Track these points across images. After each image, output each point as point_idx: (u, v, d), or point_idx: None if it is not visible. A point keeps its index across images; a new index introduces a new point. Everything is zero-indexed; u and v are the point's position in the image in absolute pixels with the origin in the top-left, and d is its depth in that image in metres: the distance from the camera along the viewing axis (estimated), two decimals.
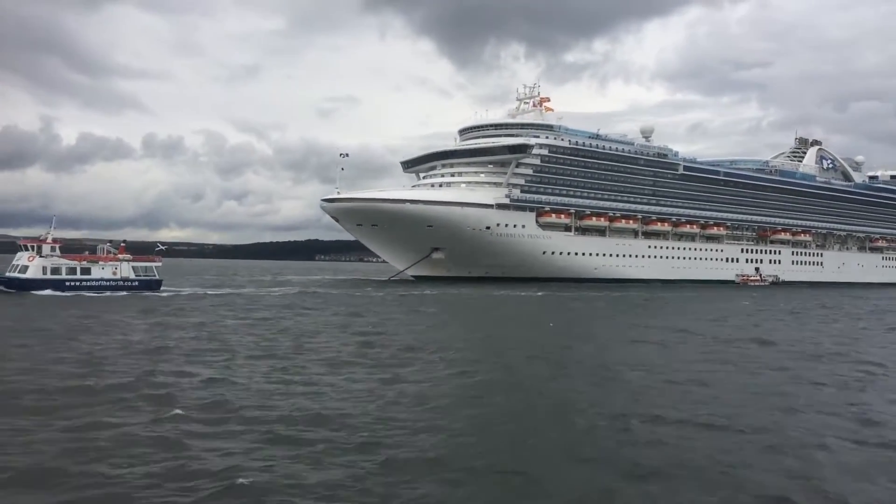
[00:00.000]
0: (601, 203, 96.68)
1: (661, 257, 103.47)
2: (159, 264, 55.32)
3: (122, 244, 54.52)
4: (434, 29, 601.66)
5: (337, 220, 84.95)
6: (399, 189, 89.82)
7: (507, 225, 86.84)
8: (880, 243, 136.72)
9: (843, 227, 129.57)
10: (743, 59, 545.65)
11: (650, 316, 42.98)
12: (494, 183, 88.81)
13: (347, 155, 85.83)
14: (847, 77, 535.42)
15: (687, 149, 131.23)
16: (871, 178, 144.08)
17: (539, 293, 64.51)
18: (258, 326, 30.56)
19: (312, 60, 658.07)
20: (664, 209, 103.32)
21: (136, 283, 52.37)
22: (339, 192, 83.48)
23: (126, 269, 52.04)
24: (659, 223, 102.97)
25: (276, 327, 30.29)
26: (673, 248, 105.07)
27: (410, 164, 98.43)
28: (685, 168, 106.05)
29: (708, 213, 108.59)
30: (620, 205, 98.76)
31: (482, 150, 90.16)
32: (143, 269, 53.51)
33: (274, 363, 20.52)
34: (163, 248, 59.70)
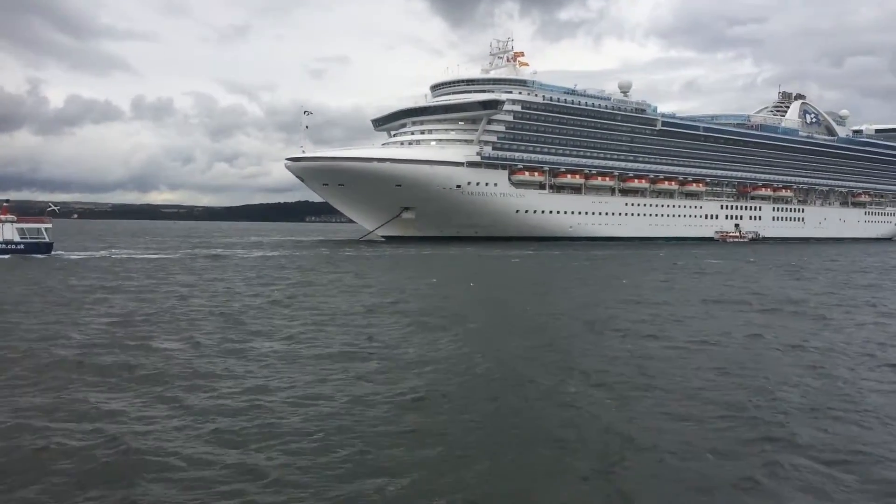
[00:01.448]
0: (577, 160, 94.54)
1: (639, 215, 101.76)
2: (49, 226, 52.27)
3: (5, 204, 51.21)
4: None
5: (302, 180, 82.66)
6: (368, 147, 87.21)
7: (478, 183, 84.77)
8: (862, 198, 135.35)
9: (825, 182, 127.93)
10: (738, 15, 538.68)
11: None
12: (466, 140, 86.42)
13: (311, 113, 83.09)
14: (843, 32, 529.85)
15: (681, 106, 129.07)
16: (856, 132, 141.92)
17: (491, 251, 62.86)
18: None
19: (303, 20, 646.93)
20: (642, 166, 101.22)
21: (22, 247, 49.47)
22: (303, 151, 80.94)
23: (9, 231, 49.15)
24: (636, 180, 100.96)
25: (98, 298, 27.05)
26: (651, 205, 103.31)
27: (381, 122, 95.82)
28: (664, 124, 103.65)
29: (687, 170, 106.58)
30: (597, 162, 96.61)
31: (453, 107, 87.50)
32: (31, 232, 50.55)
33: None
34: (55, 208, 57.18)
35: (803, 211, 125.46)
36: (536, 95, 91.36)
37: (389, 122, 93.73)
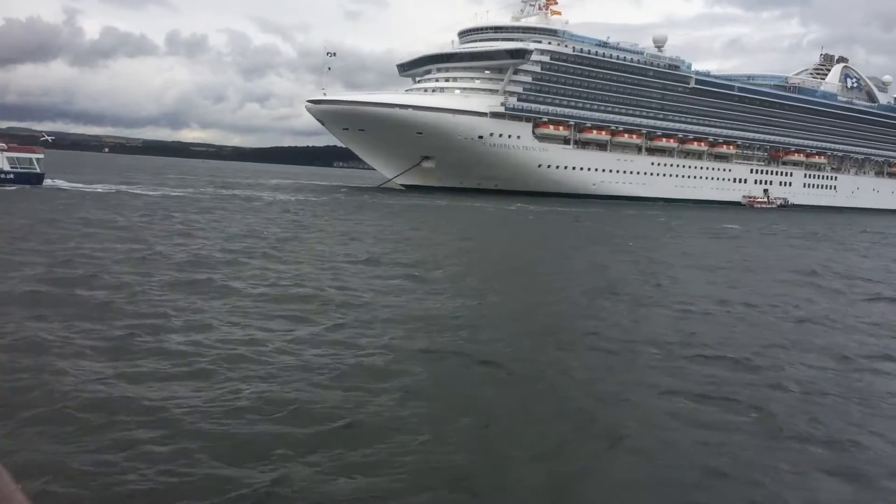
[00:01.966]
0: (604, 116, 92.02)
1: (665, 175, 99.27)
2: (41, 156, 51.57)
3: None
4: None
5: (322, 123, 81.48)
6: (391, 93, 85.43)
7: (501, 135, 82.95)
8: None
9: (861, 150, 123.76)
10: None
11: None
12: (491, 90, 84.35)
13: (335, 54, 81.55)
14: None
15: (721, 65, 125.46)
16: None
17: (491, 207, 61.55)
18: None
19: None
20: (671, 124, 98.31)
21: (11, 176, 48.73)
22: (325, 94, 79.61)
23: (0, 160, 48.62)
24: (665, 139, 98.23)
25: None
26: (678, 165, 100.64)
27: (406, 68, 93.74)
28: (697, 82, 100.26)
29: (718, 131, 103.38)
30: (624, 118, 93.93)
31: (479, 55, 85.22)
32: (22, 161, 49.89)
33: None
34: (49, 138, 56.51)
35: (836, 179, 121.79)
36: (567, 46, 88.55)
37: (414, 67, 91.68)
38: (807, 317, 17.85)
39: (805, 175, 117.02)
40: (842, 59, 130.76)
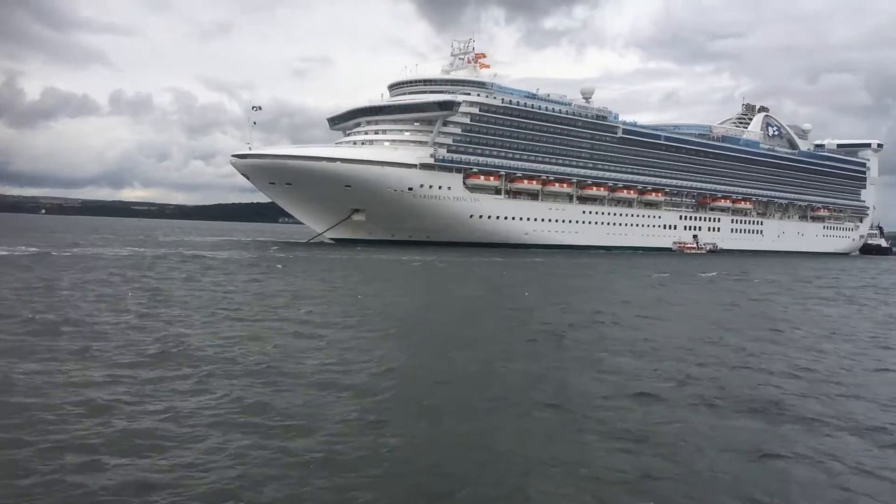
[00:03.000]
0: (534, 165, 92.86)
1: (597, 223, 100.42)
2: None
3: None
4: None
5: (248, 178, 79.93)
6: (319, 146, 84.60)
7: (431, 186, 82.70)
8: (822, 212, 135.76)
9: (785, 195, 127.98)
10: (718, 30, 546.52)
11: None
12: (420, 142, 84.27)
13: (260, 108, 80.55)
14: (819, 49, 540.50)
15: (659, 117, 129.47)
16: (817, 146, 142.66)
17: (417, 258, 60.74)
18: None
19: (287, 19, 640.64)
20: (601, 173, 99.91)
21: None
22: (250, 148, 78.36)
23: None
24: (595, 188, 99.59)
25: None
26: (609, 213, 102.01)
27: (337, 121, 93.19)
28: (624, 132, 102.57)
29: (647, 179, 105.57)
30: (555, 168, 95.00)
31: (408, 107, 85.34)
32: None
33: None
34: None
35: (762, 224, 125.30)
36: (495, 98, 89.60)
37: (345, 120, 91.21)
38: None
39: (732, 220, 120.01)
40: (763, 109, 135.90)
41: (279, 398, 13.04)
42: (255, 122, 79.37)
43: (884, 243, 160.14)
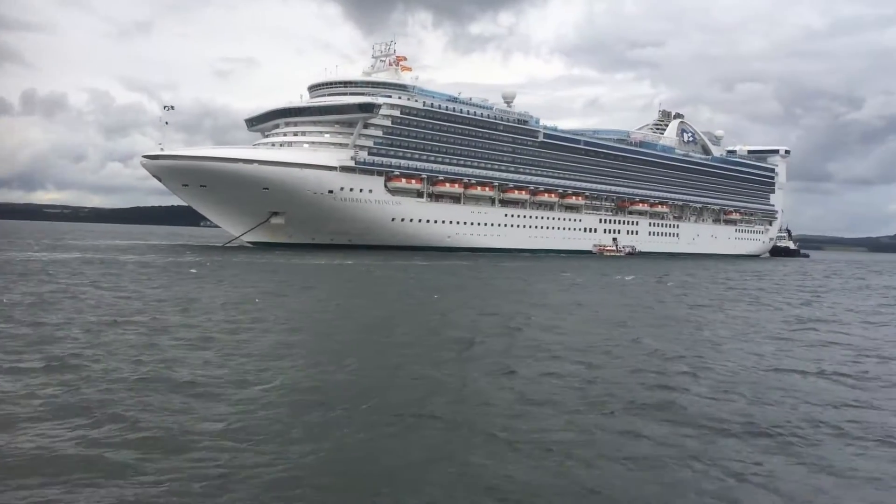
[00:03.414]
0: (456, 169, 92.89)
1: (519, 226, 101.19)
2: None
3: None
4: None
5: (159, 180, 77.00)
6: (236, 148, 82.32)
7: (352, 189, 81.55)
8: (734, 216, 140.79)
9: (699, 199, 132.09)
10: (637, 39, 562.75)
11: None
12: (341, 144, 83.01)
13: (173, 108, 77.73)
14: (733, 59, 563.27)
15: (583, 123, 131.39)
16: (730, 152, 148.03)
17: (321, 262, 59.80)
18: None
19: (209, 19, 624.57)
20: (522, 177, 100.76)
21: None
22: (162, 149, 75.52)
23: None
24: (517, 191, 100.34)
25: None
26: (531, 217, 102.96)
27: (255, 122, 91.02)
28: (545, 136, 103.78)
29: (567, 183, 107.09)
30: (477, 171, 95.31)
31: (328, 109, 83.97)
32: None
33: None
34: None
35: (678, 227, 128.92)
36: (416, 101, 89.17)
37: (263, 122, 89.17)
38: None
39: (650, 224, 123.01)
40: (678, 116, 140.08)
41: (134, 408, 12.04)
42: (167, 122, 76.89)
43: (792, 245, 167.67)
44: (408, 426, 11.91)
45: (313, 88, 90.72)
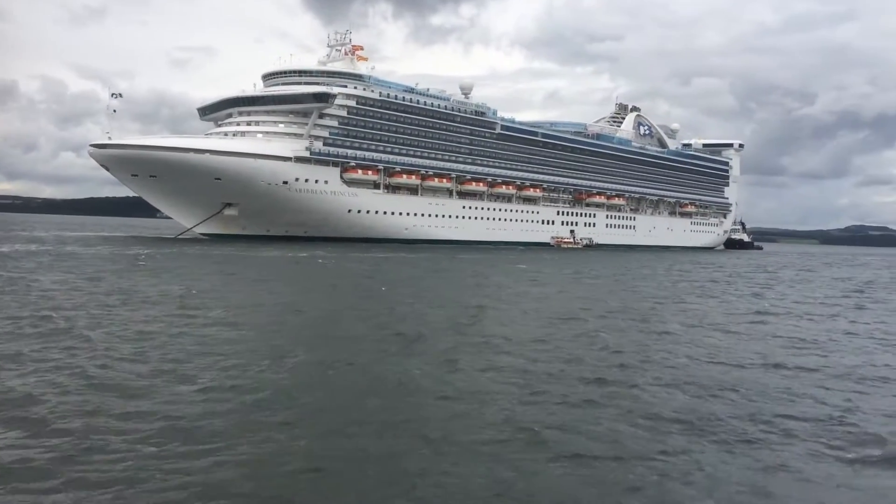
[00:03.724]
0: (413, 160, 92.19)
1: (477, 218, 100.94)
2: None
3: None
4: None
5: (108, 170, 74.91)
6: (187, 137, 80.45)
7: (307, 180, 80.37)
8: (689, 209, 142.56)
9: (655, 192, 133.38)
10: (596, 32, 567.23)
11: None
12: (295, 134, 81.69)
13: (120, 95, 75.33)
14: (691, 54, 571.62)
15: (543, 115, 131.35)
16: (685, 145, 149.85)
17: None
18: None
19: (166, 6, 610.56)
20: (480, 168, 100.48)
21: None
22: (110, 138, 73.37)
23: None
24: (474, 183, 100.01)
25: None
26: (489, 209, 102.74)
27: (207, 111, 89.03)
28: (503, 128, 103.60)
29: (525, 175, 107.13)
30: (434, 162, 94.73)
31: (282, 98, 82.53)
32: None
33: None
34: None
35: (635, 219, 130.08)
36: (373, 91, 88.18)
37: (216, 111, 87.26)
38: None
39: (607, 216, 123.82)
40: (635, 109, 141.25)
41: (49, 409, 11.36)
42: (114, 111, 74.47)
43: (746, 238, 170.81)
44: (338, 427, 11.43)
45: (267, 77, 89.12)
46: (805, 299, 38.53)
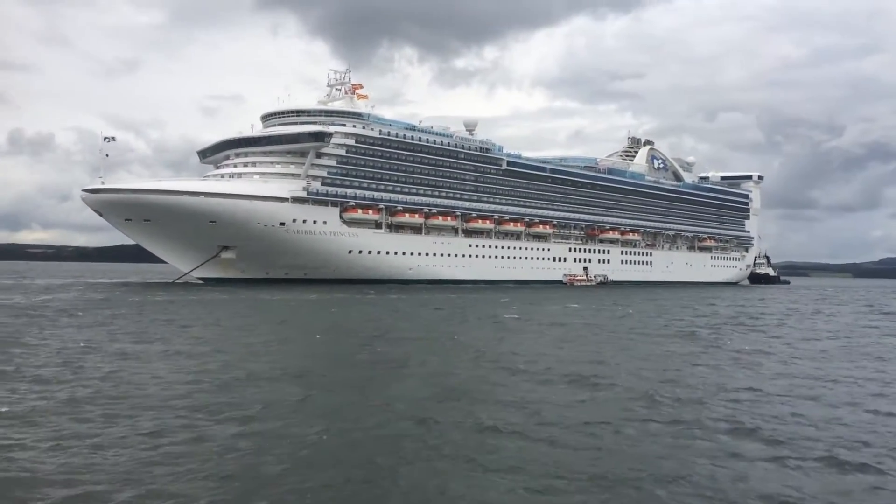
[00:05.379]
0: (416, 198, 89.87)
1: (484, 256, 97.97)
2: None
3: None
4: (328, 30, 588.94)
5: (101, 215, 73.70)
6: (183, 180, 79.20)
7: (305, 221, 78.39)
8: (708, 243, 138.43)
9: (672, 226, 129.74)
10: (618, 71, 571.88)
11: None
12: (293, 175, 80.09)
13: (114, 139, 74.27)
14: (713, 90, 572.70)
15: (566, 153, 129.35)
16: (702, 178, 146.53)
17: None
18: None
19: (196, 57, 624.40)
20: (486, 206, 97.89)
21: None
22: (103, 182, 72.35)
23: None
24: (481, 221, 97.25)
25: None
26: (496, 246, 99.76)
27: (206, 154, 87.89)
28: (509, 164, 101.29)
29: (534, 211, 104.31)
30: (438, 200, 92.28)
31: (279, 138, 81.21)
32: None
33: None
34: None
35: (651, 255, 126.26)
36: (372, 129, 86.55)
37: (214, 153, 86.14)
38: None
39: (622, 252, 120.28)
40: (648, 142, 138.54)
41: None
42: (107, 155, 73.51)
43: (771, 272, 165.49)
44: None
45: (266, 118, 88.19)
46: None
